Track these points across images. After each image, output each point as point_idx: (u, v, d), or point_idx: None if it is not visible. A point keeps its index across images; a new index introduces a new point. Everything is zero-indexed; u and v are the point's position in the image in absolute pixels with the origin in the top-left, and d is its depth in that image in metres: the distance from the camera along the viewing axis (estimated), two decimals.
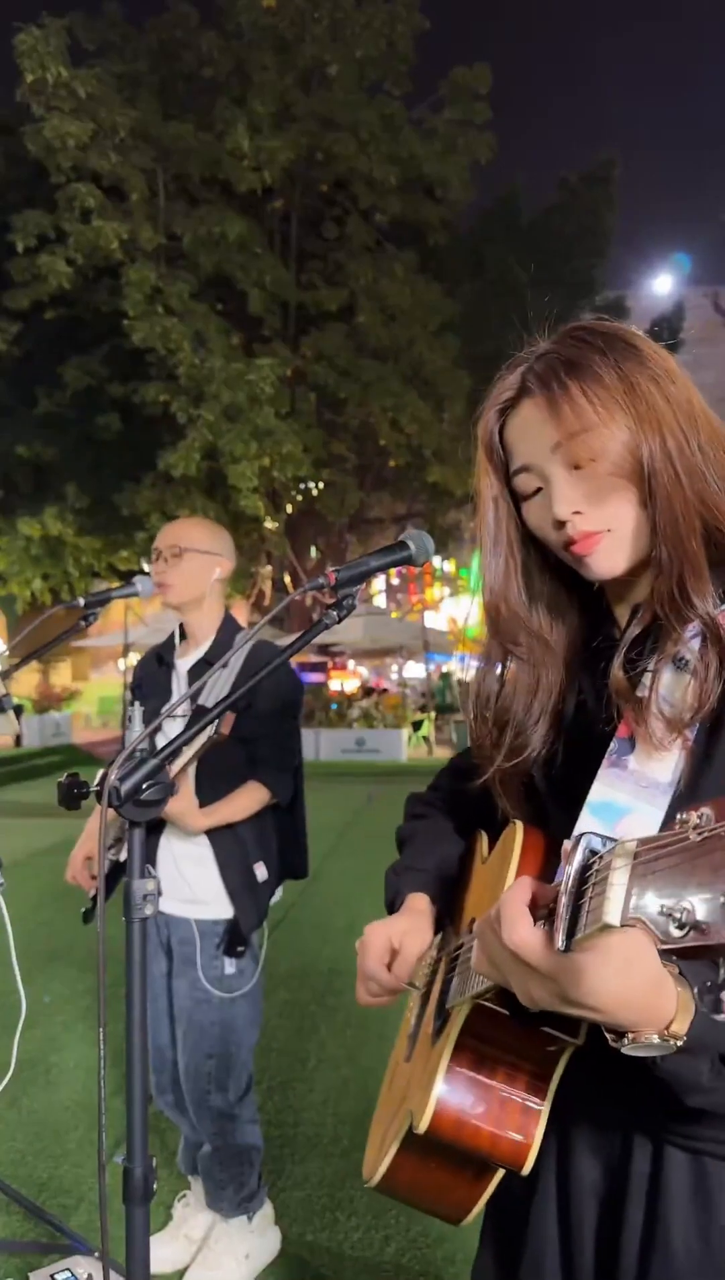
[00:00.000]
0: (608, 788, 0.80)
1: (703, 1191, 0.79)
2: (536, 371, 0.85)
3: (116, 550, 16.71)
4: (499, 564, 0.93)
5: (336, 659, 19.83)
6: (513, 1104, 0.81)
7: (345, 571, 1.18)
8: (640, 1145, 0.82)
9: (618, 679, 0.82)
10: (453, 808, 1.11)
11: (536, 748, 0.92)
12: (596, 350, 0.84)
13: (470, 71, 15.83)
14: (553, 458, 0.84)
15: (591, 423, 0.81)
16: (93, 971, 4.27)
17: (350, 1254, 2.22)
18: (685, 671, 0.79)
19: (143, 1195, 1.15)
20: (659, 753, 0.79)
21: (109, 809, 1.08)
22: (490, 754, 0.94)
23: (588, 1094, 0.83)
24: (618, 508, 0.83)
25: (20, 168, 14.70)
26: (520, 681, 0.93)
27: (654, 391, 0.82)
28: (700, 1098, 0.71)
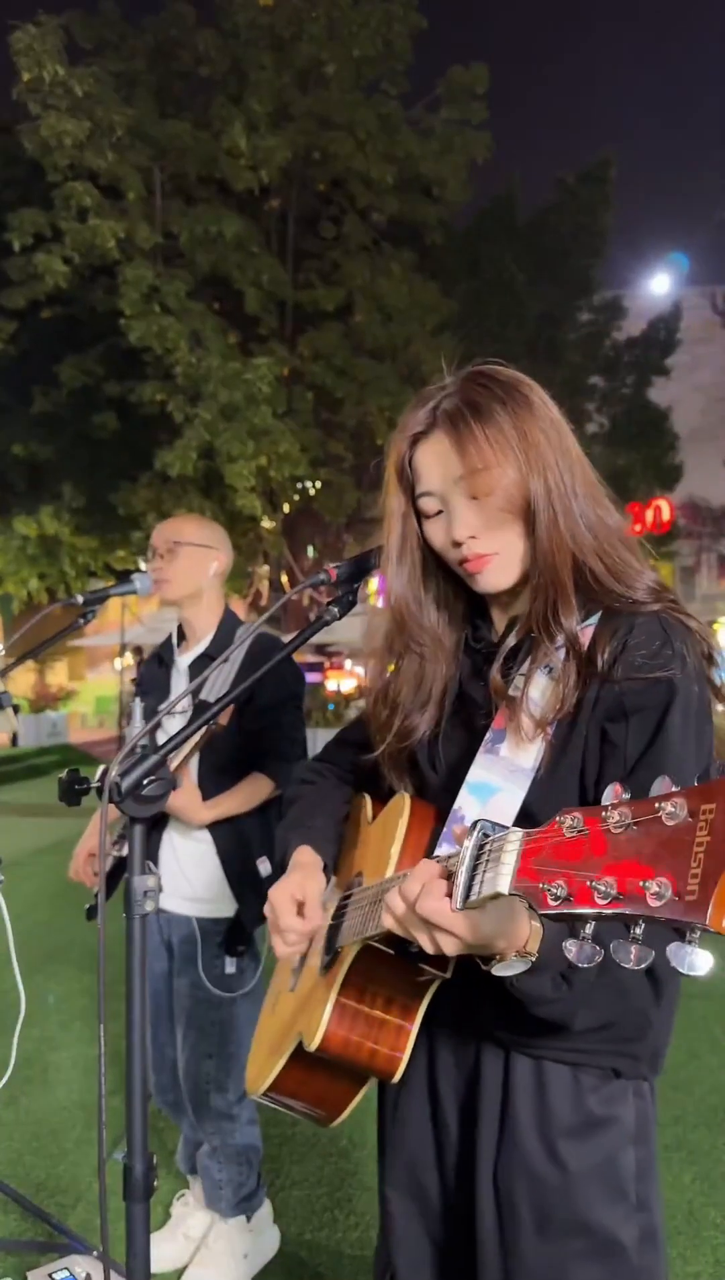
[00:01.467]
0: (483, 770, 0.97)
1: (542, 1088, 0.96)
2: (446, 410, 1.00)
3: (113, 549, 16.69)
4: (404, 572, 1.08)
5: (333, 659, 19.82)
6: (389, 1025, 0.98)
7: (346, 568, 1.18)
8: (492, 1055, 0.99)
9: (496, 682, 0.99)
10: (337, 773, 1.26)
11: (422, 730, 1.08)
12: (497, 400, 0.98)
13: (468, 71, 15.83)
14: (455, 488, 0.99)
15: (489, 463, 0.96)
16: (90, 971, 4.26)
17: (348, 1253, 2.21)
18: (551, 678, 0.96)
19: (143, 1192, 1.15)
20: (525, 744, 0.95)
21: (110, 805, 1.08)
22: (381, 734, 1.11)
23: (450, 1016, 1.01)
24: (506, 536, 0.99)
25: (16, 166, 14.68)
26: (410, 672, 1.09)
27: (542, 440, 0.97)
28: (546, 1008, 0.86)
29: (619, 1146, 0.96)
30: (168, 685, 2.13)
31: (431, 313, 15.83)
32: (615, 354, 20.11)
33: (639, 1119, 0.99)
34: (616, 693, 0.92)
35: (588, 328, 19.78)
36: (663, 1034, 0.98)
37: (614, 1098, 0.97)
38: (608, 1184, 0.95)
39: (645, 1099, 1.01)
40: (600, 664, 0.94)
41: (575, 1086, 0.96)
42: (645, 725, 0.91)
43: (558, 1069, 0.96)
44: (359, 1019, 0.97)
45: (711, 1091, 3.09)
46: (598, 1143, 0.96)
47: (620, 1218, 0.95)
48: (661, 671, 0.91)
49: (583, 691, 0.94)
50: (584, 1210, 0.94)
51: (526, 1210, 0.95)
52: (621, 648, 0.93)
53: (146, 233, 13.84)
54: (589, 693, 0.94)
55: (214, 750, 1.98)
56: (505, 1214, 0.96)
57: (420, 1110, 1.06)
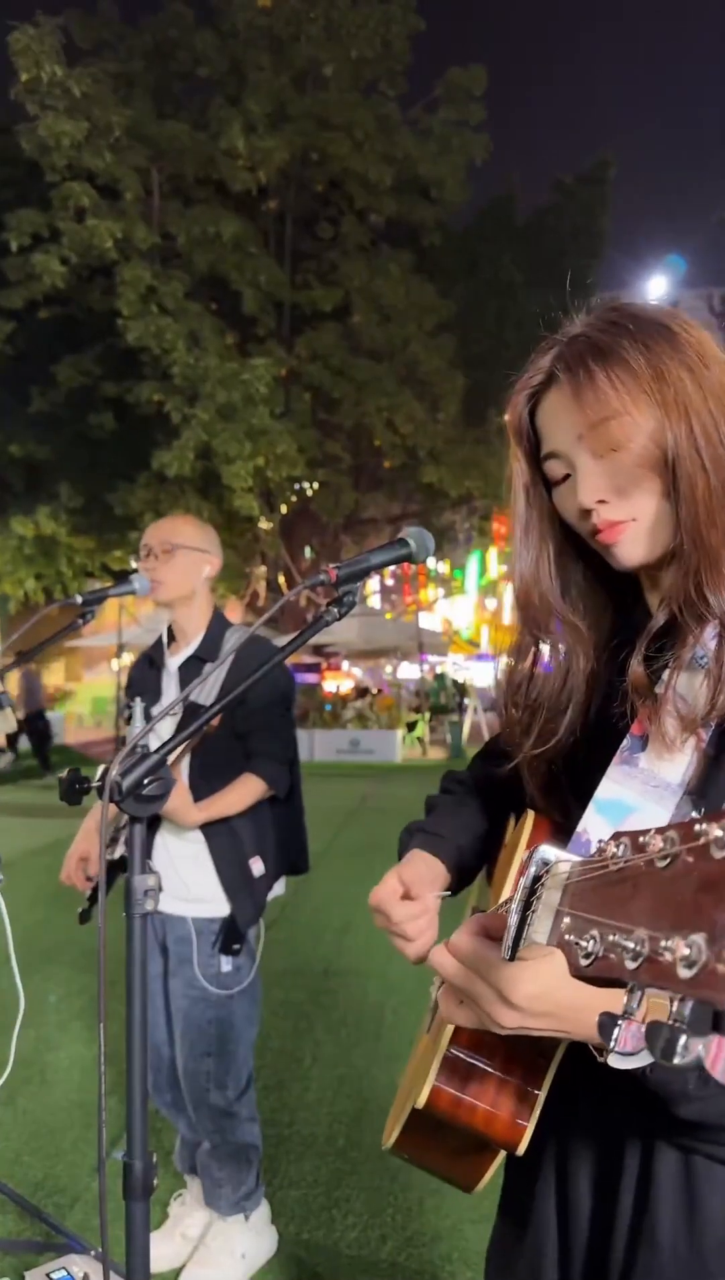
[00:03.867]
0: (616, 785, 0.79)
1: (690, 1188, 0.79)
2: (565, 356, 0.83)
3: (110, 550, 16.67)
4: (530, 552, 0.92)
5: (331, 660, 19.81)
6: (508, 1087, 0.82)
7: (345, 568, 1.17)
8: (632, 1141, 0.82)
9: (636, 675, 0.81)
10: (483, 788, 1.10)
11: (563, 736, 0.91)
12: (627, 334, 0.81)
13: (466, 72, 15.85)
14: (579, 445, 0.83)
15: (615, 411, 0.79)
16: (87, 971, 4.26)
17: (347, 1253, 2.22)
18: (701, 670, 0.78)
19: (143, 1190, 1.15)
20: (671, 752, 0.78)
21: (110, 804, 1.09)
22: (520, 740, 0.94)
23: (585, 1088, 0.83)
24: (642, 498, 0.81)
25: (14, 166, 14.65)
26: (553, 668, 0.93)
27: (684, 378, 0.79)
28: (689, 1107, 0.71)
29: None
30: (159, 687, 2.14)
31: (429, 313, 15.83)
32: None
33: None
34: None
35: None
36: None
37: None
38: None
39: None
40: None
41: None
42: None
43: (712, 1166, 0.79)
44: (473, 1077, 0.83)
45: None
46: None
47: None
48: None
49: None
50: None
51: None
52: None
53: (144, 233, 13.83)
54: None
55: (204, 752, 1.98)
56: None
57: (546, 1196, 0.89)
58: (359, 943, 4.71)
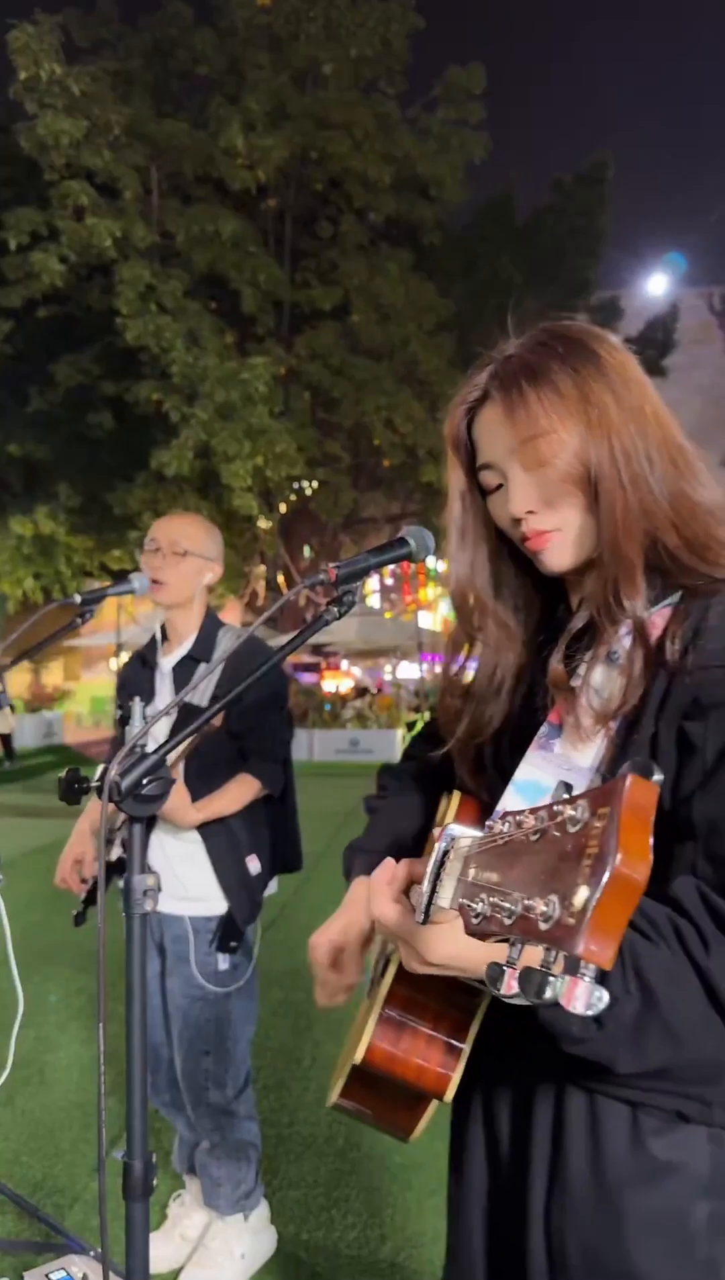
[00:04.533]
0: (534, 768, 0.88)
1: (595, 1126, 0.86)
2: (499, 375, 0.91)
3: (109, 549, 16.66)
4: (466, 555, 0.99)
5: (330, 659, 19.81)
6: (437, 1043, 0.92)
7: (345, 568, 1.17)
8: (545, 1086, 0.90)
9: (555, 670, 0.89)
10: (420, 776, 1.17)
11: (494, 724, 0.99)
12: (556, 357, 0.88)
13: (465, 71, 15.84)
14: (511, 459, 0.89)
15: (544, 429, 0.86)
16: (85, 972, 4.26)
17: (346, 1253, 2.21)
18: (615, 666, 0.85)
19: (143, 1190, 1.15)
20: (584, 740, 0.85)
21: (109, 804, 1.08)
22: (452, 726, 1.03)
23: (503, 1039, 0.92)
24: (567, 510, 0.88)
25: (13, 165, 14.64)
26: (483, 661, 1.01)
27: (608, 400, 0.86)
28: (575, 1047, 0.76)
29: (688, 1198, 0.84)
30: (152, 687, 2.14)
31: (428, 312, 15.83)
32: None
33: (715, 1169, 0.85)
34: (691, 686, 0.81)
35: None
36: None
37: (683, 1143, 0.84)
38: (671, 1238, 0.84)
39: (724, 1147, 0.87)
40: (670, 652, 0.83)
41: (634, 1128, 0.85)
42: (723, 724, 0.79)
43: (614, 1106, 0.85)
44: (405, 1034, 0.92)
45: None
46: (661, 1191, 0.84)
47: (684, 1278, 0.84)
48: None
49: (650, 684, 0.83)
50: (641, 1264, 0.83)
51: (578, 1259, 0.86)
52: (694, 633, 0.82)
53: (143, 232, 13.82)
54: (657, 685, 0.83)
55: (200, 752, 1.98)
56: (556, 1262, 0.87)
57: (477, 1141, 0.99)
58: None
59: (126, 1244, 1.14)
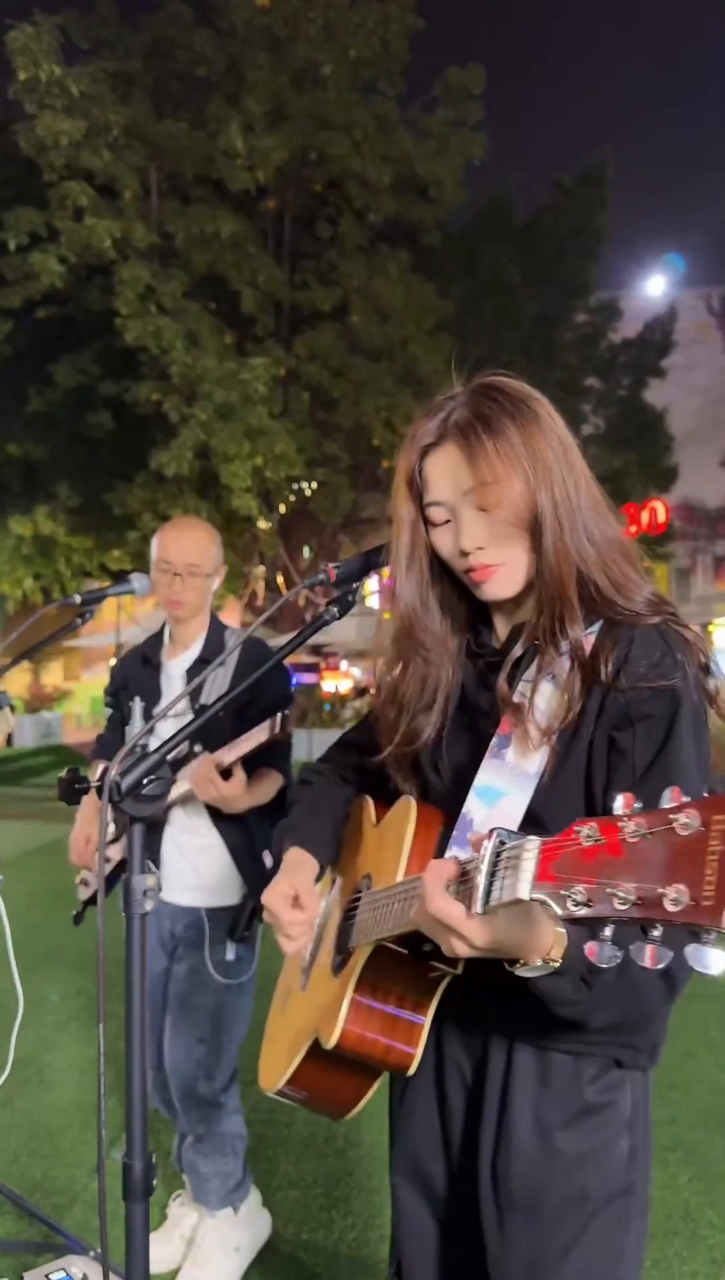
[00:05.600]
0: (490, 775, 1.00)
1: (544, 1077, 1.00)
2: (457, 423, 1.01)
3: (108, 549, 16.67)
4: (412, 578, 1.10)
5: (329, 659, 19.81)
6: (402, 1022, 1.01)
7: (345, 568, 1.18)
8: (497, 1045, 1.02)
9: (503, 691, 1.01)
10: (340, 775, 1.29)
11: (427, 734, 1.10)
12: (507, 414, 1.00)
13: (464, 72, 15.84)
14: (464, 499, 1.01)
15: (498, 476, 0.97)
16: (86, 972, 4.26)
17: (345, 1253, 2.21)
18: (556, 687, 0.98)
19: (142, 1191, 1.15)
20: (531, 750, 0.97)
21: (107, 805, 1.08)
22: (388, 735, 1.13)
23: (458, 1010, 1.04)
24: (512, 548, 1.01)
25: (12, 165, 14.64)
26: (416, 675, 1.11)
27: (549, 455, 0.99)
28: (566, 1009, 0.89)
29: (614, 1133, 1.00)
30: (157, 687, 2.14)
31: (428, 313, 15.82)
32: (611, 355, 20.14)
33: (634, 1107, 1.03)
34: (622, 701, 0.95)
35: (584, 329, 19.79)
36: (662, 1027, 1.02)
37: (611, 1086, 1.01)
38: (600, 1168, 0.99)
39: (640, 1089, 1.04)
40: (604, 673, 0.96)
41: (575, 1076, 1.00)
42: (652, 733, 0.93)
43: (560, 1059, 1.00)
44: (374, 1016, 1.00)
45: (708, 1091, 3.10)
46: (592, 1128, 0.99)
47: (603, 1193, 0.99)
48: (664, 680, 0.94)
49: (586, 700, 0.97)
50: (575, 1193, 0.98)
51: (521, 1195, 0.99)
52: (624, 657, 0.95)
53: (142, 232, 13.82)
54: (592, 701, 0.97)
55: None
56: (502, 1198, 1.00)
57: (426, 1101, 1.10)
58: None
59: (126, 1244, 1.14)
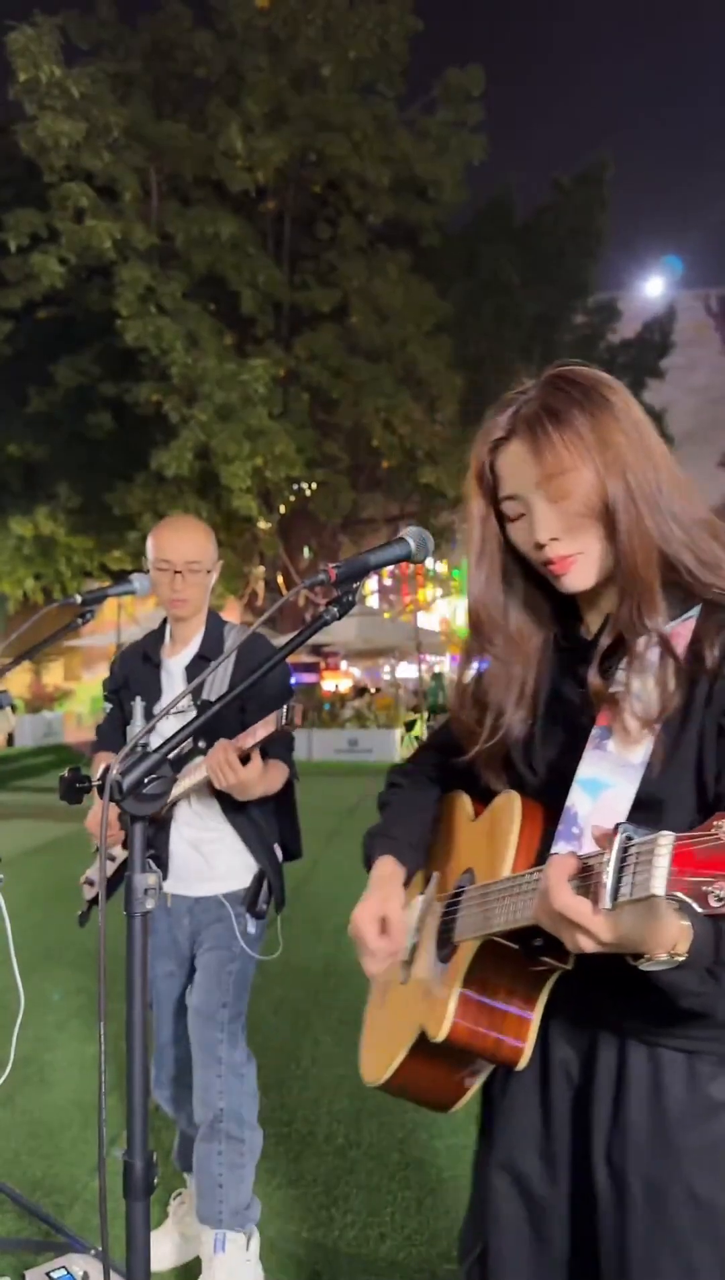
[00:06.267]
0: (592, 767, 0.98)
1: (657, 1075, 0.99)
2: (524, 416, 1.01)
3: (108, 550, 16.68)
4: (482, 575, 1.10)
5: (329, 659, 19.81)
6: (512, 1016, 1.01)
7: (345, 568, 1.18)
8: (607, 1042, 1.02)
9: (596, 684, 1.00)
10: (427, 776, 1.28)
11: (518, 730, 1.09)
12: (576, 403, 0.99)
13: (463, 73, 15.86)
14: (535, 491, 1.01)
15: (566, 467, 0.98)
16: (87, 971, 4.26)
17: (345, 1251, 2.22)
18: (650, 676, 0.97)
19: (143, 1189, 1.15)
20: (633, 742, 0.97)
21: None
22: (473, 734, 1.12)
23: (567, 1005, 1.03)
24: (587, 538, 1.00)
25: (13, 167, 14.66)
26: (497, 673, 1.10)
27: (621, 441, 0.98)
28: (692, 1000, 0.89)
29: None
30: (158, 685, 2.15)
31: (427, 314, 15.84)
32: (610, 356, 20.14)
33: None
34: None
35: (583, 329, 19.82)
36: None
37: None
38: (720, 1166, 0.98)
39: None
40: (709, 659, 0.95)
41: (690, 1073, 0.99)
42: None
43: (673, 1056, 0.99)
44: (483, 1010, 1.01)
45: None
46: (711, 1126, 0.99)
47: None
48: None
49: (691, 688, 0.96)
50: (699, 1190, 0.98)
51: (639, 1191, 0.99)
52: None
53: (142, 233, 13.84)
54: (700, 689, 0.96)
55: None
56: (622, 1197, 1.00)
57: (528, 1098, 1.10)
58: None
59: (127, 1242, 1.15)
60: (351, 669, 23.01)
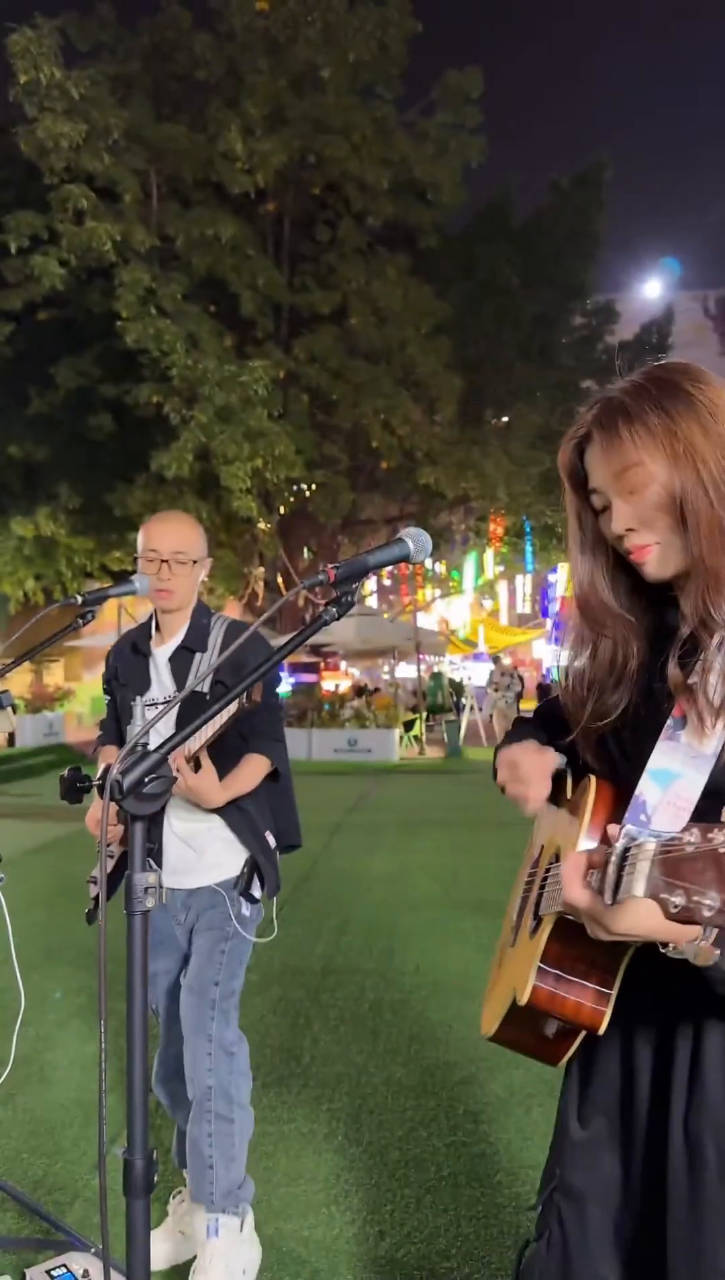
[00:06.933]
0: (664, 757, 1.01)
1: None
2: (600, 415, 1.07)
3: (109, 550, 16.69)
4: (587, 563, 1.15)
5: (328, 659, 19.82)
6: (590, 985, 1.07)
7: (344, 569, 1.20)
8: (684, 1022, 1.07)
9: (673, 674, 1.03)
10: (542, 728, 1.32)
11: (616, 711, 1.13)
12: (649, 398, 1.03)
13: (462, 75, 15.88)
14: (612, 485, 1.06)
15: (634, 461, 1.02)
16: (87, 970, 4.27)
17: (345, 1249, 2.23)
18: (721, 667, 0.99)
19: (143, 1187, 1.16)
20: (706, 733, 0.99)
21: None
22: (577, 713, 1.17)
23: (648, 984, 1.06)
24: (662, 529, 1.04)
25: (13, 168, 14.67)
26: (604, 655, 1.14)
27: (695, 433, 1.00)
28: None
29: None
30: (146, 675, 2.17)
31: (426, 316, 15.86)
32: (608, 357, 20.17)
33: None
34: None
35: (581, 331, 19.83)
36: None
37: None
38: None
39: None
40: None
41: None
42: None
43: None
44: (561, 981, 1.08)
45: None
46: None
47: None
48: None
49: None
50: None
51: (713, 1153, 1.04)
52: None
53: (143, 235, 13.85)
54: None
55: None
56: (694, 1156, 1.06)
57: (611, 1064, 1.16)
58: (357, 941, 4.72)
59: (127, 1241, 1.15)
60: (351, 669, 23.02)
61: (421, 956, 4.43)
